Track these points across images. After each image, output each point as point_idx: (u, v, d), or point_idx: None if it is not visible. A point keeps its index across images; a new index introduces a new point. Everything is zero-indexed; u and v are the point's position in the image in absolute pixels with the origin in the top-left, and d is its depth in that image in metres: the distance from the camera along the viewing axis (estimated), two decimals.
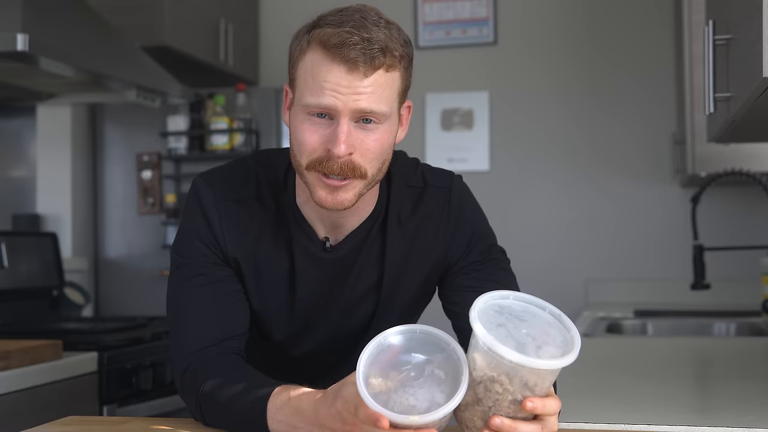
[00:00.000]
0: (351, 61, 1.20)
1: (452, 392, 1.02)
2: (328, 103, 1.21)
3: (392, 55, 1.23)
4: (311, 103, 1.23)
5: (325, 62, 1.22)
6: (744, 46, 1.40)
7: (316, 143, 1.24)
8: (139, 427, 1.34)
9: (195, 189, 1.38)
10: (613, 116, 3.79)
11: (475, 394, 1.05)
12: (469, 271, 1.41)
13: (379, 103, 1.23)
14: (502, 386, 1.04)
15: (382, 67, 1.22)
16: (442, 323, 1.73)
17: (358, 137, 1.24)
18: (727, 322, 2.86)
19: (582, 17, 3.83)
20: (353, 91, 1.21)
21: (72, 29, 2.79)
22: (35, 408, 2.13)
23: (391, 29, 1.25)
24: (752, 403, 1.45)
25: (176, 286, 1.37)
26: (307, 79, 1.24)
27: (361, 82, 1.21)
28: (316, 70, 1.22)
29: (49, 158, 3.48)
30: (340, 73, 1.21)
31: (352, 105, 1.21)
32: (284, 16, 4.06)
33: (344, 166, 1.24)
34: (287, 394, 1.15)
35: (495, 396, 1.04)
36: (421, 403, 1.01)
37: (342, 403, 1.05)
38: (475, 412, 1.06)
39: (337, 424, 1.07)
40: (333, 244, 1.38)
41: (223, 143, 3.40)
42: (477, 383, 1.05)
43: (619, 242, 3.76)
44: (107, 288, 3.57)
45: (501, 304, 1.08)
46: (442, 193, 1.42)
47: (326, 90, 1.21)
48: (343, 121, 1.22)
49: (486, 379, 1.04)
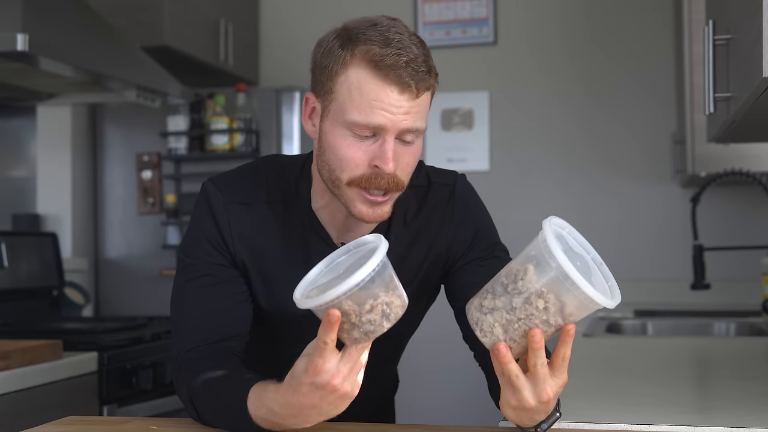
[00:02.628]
0: (404, 84, 1.23)
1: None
2: (379, 122, 1.23)
3: (433, 74, 1.27)
4: (359, 122, 1.24)
5: (375, 81, 1.23)
6: (744, 46, 1.40)
7: (360, 160, 1.26)
8: (139, 427, 1.34)
9: (205, 191, 1.40)
10: (613, 116, 3.79)
11: (510, 303, 1.06)
12: (473, 267, 1.42)
13: (422, 120, 1.27)
14: (545, 303, 1.05)
15: (429, 88, 1.27)
16: (444, 323, 1.73)
17: (400, 152, 1.27)
18: (727, 322, 2.86)
19: (582, 17, 3.83)
20: (402, 111, 1.24)
21: (72, 29, 2.79)
22: (35, 408, 2.13)
23: (424, 46, 1.28)
24: (752, 403, 1.45)
25: (180, 285, 1.38)
26: (353, 95, 1.24)
27: (410, 102, 1.24)
28: (365, 88, 1.24)
29: (49, 158, 3.48)
30: (393, 94, 1.23)
31: (401, 125, 1.24)
32: (284, 16, 4.06)
33: (390, 181, 1.27)
34: (260, 395, 1.15)
35: (532, 311, 1.05)
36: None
37: (306, 375, 1.06)
38: (498, 319, 1.07)
39: (314, 399, 1.07)
40: None
41: (223, 143, 3.40)
42: (518, 293, 1.06)
43: (619, 242, 3.76)
44: (107, 288, 3.57)
45: (559, 233, 1.10)
46: (446, 190, 1.44)
47: (376, 109, 1.23)
48: (390, 139, 1.25)
49: (532, 292, 1.05)
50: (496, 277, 1.11)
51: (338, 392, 1.06)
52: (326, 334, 1.04)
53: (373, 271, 1.03)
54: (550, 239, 1.04)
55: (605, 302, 1.04)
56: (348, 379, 1.06)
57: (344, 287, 1.02)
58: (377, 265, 1.03)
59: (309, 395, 1.07)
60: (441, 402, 3.81)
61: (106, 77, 2.86)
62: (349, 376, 1.06)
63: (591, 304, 1.04)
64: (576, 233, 1.12)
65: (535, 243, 1.07)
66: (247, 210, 1.38)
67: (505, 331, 1.07)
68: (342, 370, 1.05)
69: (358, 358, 1.07)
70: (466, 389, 3.69)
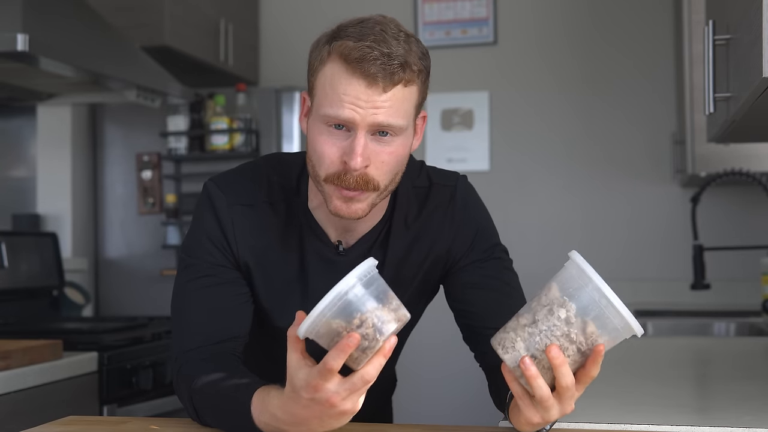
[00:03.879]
0: (371, 76, 1.21)
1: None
2: (347, 115, 1.22)
3: (411, 69, 1.24)
4: (330, 114, 1.24)
5: (345, 75, 1.22)
6: (744, 46, 1.40)
7: (333, 156, 1.25)
8: (139, 427, 1.34)
9: (207, 192, 1.39)
10: (613, 116, 3.79)
11: (533, 318, 1.06)
12: (473, 269, 1.42)
13: (396, 117, 1.24)
14: (567, 313, 1.05)
15: (401, 82, 1.24)
16: (445, 323, 1.73)
17: (374, 150, 1.25)
18: (727, 322, 2.86)
19: (582, 17, 3.83)
20: (372, 105, 1.22)
21: (72, 29, 2.79)
22: (35, 408, 2.13)
23: (411, 43, 1.25)
24: (752, 403, 1.45)
25: (181, 286, 1.38)
26: (326, 90, 1.24)
27: (379, 96, 1.22)
28: (336, 82, 1.23)
29: (49, 158, 3.48)
30: (360, 87, 1.22)
31: (370, 119, 1.23)
32: (284, 16, 4.06)
33: (359, 179, 1.25)
34: (263, 400, 1.15)
35: (554, 321, 1.05)
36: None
37: (305, 390, 1.06)
38: (521, 334, 1.07)
39: (314, 412, 1.07)
40: (345, 248, 1.39)
41: (223, 143, 3.40)
42: (542, 306, 1.06)
43: (619, 242, 3.76)
44: (107, 288, 3.57)
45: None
46: (446, 191, 1.44)
47: (345, 103, 1.22)
48: (360, 134, 1.23)
49: (555, 302, 1.06)
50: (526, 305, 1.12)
51: (337, 409, 1.06)
52: (334, 359, 1.02)
53: (350, 284, 1.01)
54: (585, 266, 1.06)
55: (633, 322, 1.05)
56: (349, 399, 1.05)
57: (323, 304, 1.00)
58: (356, 278, 1.01)
59: (309, 408, 1.07)
60: (439, 402, 3.81)
61: (106, 77, 2.85)
62: (350, 397, 1.05)
63: (612, 322, 1.05)
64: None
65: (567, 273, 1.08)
66: (249, 211, 1.38)
67: (527, 346, 1.06)
68: (341, 393, 1.04)
69: (362, 387, 1.05)
70: (464, 389, 3.69)
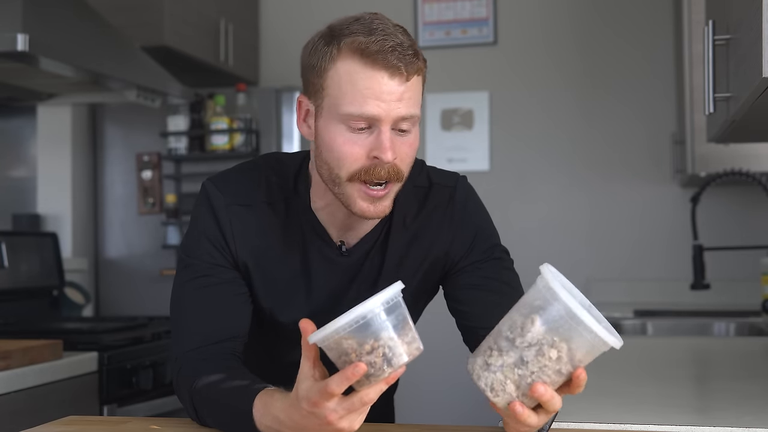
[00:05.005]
0: (393, 67, 1.22)
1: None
2: (372, 111, 1.22)
3: (420, 58, 1.26)
4: (353, 113, 1.23)
5: (364, 69, 1.22)
6: (744, 46, 1.40)
7: (358, 154, 1.25)
8: (139, 427, 1.34)
9: (205, 192, 1.39)
10: (613, 116, 3.79)
11: (521, 358, 1.02)
12: (472, 270, 1.42)
13: (415, 107, 1.26)
14: (558, 353, 1.01)
15: (418, 71, 1.25)
16: (445, 323, 1.73)
17: (396, 143, 1.26)
18: (727, 322, 2.86)
19: (582, 17, 3.83)
20: (394, 98, 1.23)
21: (72, 29, 2.79)
22: (35, 408, 2.13)
23: (407, 34, 1.27)
24: (752, 403, 1.45)
25: (181, 285, 1.38)
26: (344, 88, 1.23)
27: (401, 87, 1.23)
28: (356, 77, 1.23)
29: (49, 158, 3.48)
30: (383, 79, 1.22)
31: (395, 113, 1.23)
32: (284, 16, 4.06)
33: (390, 171, 1.26)
34: (266, 402, 1.15)
35: (545, 362, 1.01)
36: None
37: (305, 402, 1.06)
38: (510, 376, 1.03)
39: (313, 423, 1.07)
40: (348, 248, 1.39)
41: (223, 143, 3.40)
42: (528, 345, 1.01)
43: (619, 242, 3.76)
44: (107, 288, 3.57)
45: (564, 282, 1.06)
46: (446, 192, 1.44)
47: (369, 98, 1.22)
48: (386, 128, 1.24)
49: (544, 342, 1.01)
50: (495, 331, 1.06)
51: (334, 426, 1.05)
52: (337, 385, 1.01)
53: (372, 310, 0.99)
54: (556, 286, 1.00)
55: (615, 342, 1.02)
56: (346, 418, 1.05)
57: (342, 321, 0.99)
58: (380, 304, 1.00)
59: (307, 419, 1.07)
60: (440, 402, 3.81)
61: (106, 77, 2.85)
62: (348, 416, 1.05)
63: (601, 345, 1.02)
64: (562, 277, 1.08)
65: (536, 291, 1.03)
66: (248, 211, 1.37)
67: (518, 387, 1.03)
68: (340, 411, 1.04)
69: (361, 407, 1.04)
70: (465, 390, 3.68)
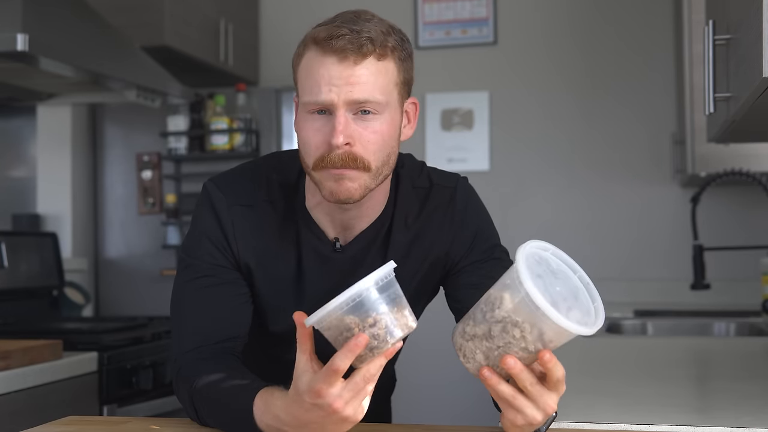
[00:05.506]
0: (340, 50, 1.22)
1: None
2: (324, 98, 1.23)
3: (382, 44, 1.25)
4: (309, 101, 1.25)
5: (318, 57, 1.24)
6: (744, 46, 1.40)
7: (319, 141, 1.26)
8: (139, 427, 1.34)
9: (207, 192, 1.39)
10: (613, 116, 3.79)
11: (489, 331, 1.06)
12: (472, 270, 1.42)
13: (373, 92, 1.24)
14: (521, 332, 1.04)
15: (372, 55, 1.24)
16: (445, 323, 1.73)
17: (357, 129, 1.25)
18: (727, 322, 2.86)
19: (582, 17, 3.83)
20: (345, 81, 1.23)
21: (72, 29, 2.79)
22: (35, 408, 2.13)
23: (384, 24, 1.27)
24: (752, 403, 1.45)
25: (181, 285, 1.38)
26: (304, 80, 1.27)
27: (352, 70, 1.23)
28: (311, 67, 1.25)
29: (49, 158, 3.48)
30: (332, 65, 1.23)
31: (346, 96, 1.23)
32: (284, 16, 4.06)
33: (345, 156, 1.25)
34: (266, 401, 1.15)
35: (509, 339, 1.05)
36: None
37: (308, 395, 1.05)
38: (479, 346, 1.07)
39: (316, 417, 1.07)
40: (342, 245, 1.39)
41: (223, 143, 3.40)
42: (495, 321, 1.05)
43: (619, 242, 3.76)
44: (107, 288, 3.57)
45: (541, 255, 1.09)
46: (447, 192, 1.44)
47: (321, 85, 1.23)
48: (339, 113, 1.24)
49: (508, 321, 1.04)
50: (478, 303, 1.10)
51: (339, 415, 1.05)
52: (342, 359, 1.02)
53: (369, 287, 1.02)
54: (522, 268, 1.02)
55: (579, 330, 1.02)
56: (350, 404, 1.05)
57: (341, 299, 1.01)
58: (375, 282, 1.02)
59: (311, 412, 1.07)
60: (438, 403, 3.81)
61: (106, 77, 2.86)
62: (352, 402, 1.05)
63: (566, 333, 1.03)
64: (561, 253, 1.10)
65: (510, 270, 1.06)
66: (249, 212, 1.38)
67: (486, 357, 1.07)
68: (345, 396, 1.04)
69: (364, 386, 1.05)
70: (464, 390, 3.68)
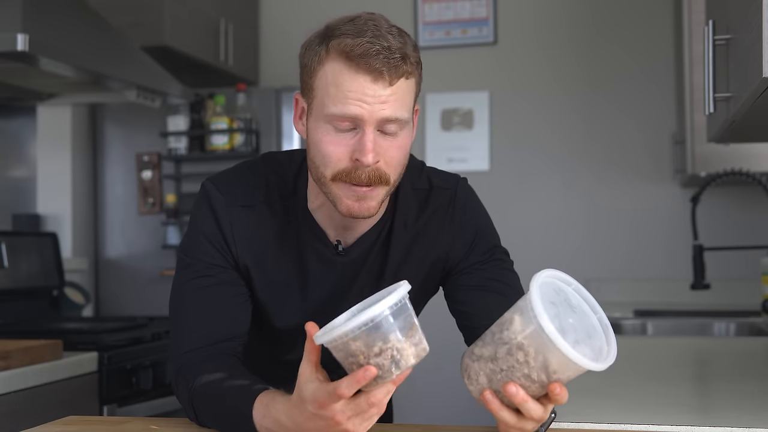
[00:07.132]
0: (376, 71, 1.21)
1: None
2: (354, 112, 1.22)
3: (410, 62, 1.25)
4: (336, 113, 1.23)
5: (349, 72, 1.22)
6: (744, 46, 1.40)
7: (341, 154, 1.25)
8: (139, 427, 1.34)
9: (205, 192, 1.39)
10: (613, 116, 3.79)
11: (495, 352, 1.05)
12: (472, 271, 1.42)
13: (402, 110, 1.25)
14: (525, 357, 1.03)
15: (404, 75, 1.24)
16: (445, 324, 1.73)
17: (383, 145, 1.25)
18: (727, 322, 2.86)
19: (582, 17, 3.83)
20: (379, 100, 1.22)
21: (72, 29, 2.79)
22: (35, 408, 2.13)
23: (404, 36, 1.27)
24: (752, 403, 1.45)
25: (180, 286, 1.38)
26: (329, 89, 1.24)
27: (385, 90, 1.22)
28: (339, 79, 1.23)
29: (49, 158, 3.48)
30: (366, 83, 1.22)
31: (378, 114, 1.23)
32: (284, 16, 4.06)
33: (371, 174, 1.25)
34: (267, 405, 1.14)
35: (512, 362, 1.04)
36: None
37: (311, 404, 1.05)
38: (483, 368, 1.07)
39: (318, 425, 1.07)
40: (344, 248, 1.39)
41: (223, 143, 3.40)
42: (502, 342, 1.04)
43: (619, 242, 3.76)
44: (107, 288, 3.57)
45: (560, 287, 1.08)
46: (446, 194, 1.44)
47: (351, 99, 1.22)
48: (369, 130, 1.23)
49: (514, 343, 1.03)
50: (492, 325, 1.09)
51: (341, 427, 1.05)
52: (347, 387, 1.01)
53: (381, 313, 0.99)
54: (534, 290, 1.02)
55: (583, 362, 1.01)
56: (352, 420, 1.04)
57: (351, 325, 0.99)
58: (389, 308, 1.00)
59: (312, 421, 1.07)
60: (439, 403, 3.81)
61: (106, 77, 2.85)
62: (354, 418, 1.04)
63: (571, 365, 1.02)
64: (583, 290, 1.09)
65: (525, 296, 1.05)
66: (248, 212, 1.37)
67: (489, 380, 1.07)
68: (347, 412, 1.04)
69: (368, 409, 1.04)
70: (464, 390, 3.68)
